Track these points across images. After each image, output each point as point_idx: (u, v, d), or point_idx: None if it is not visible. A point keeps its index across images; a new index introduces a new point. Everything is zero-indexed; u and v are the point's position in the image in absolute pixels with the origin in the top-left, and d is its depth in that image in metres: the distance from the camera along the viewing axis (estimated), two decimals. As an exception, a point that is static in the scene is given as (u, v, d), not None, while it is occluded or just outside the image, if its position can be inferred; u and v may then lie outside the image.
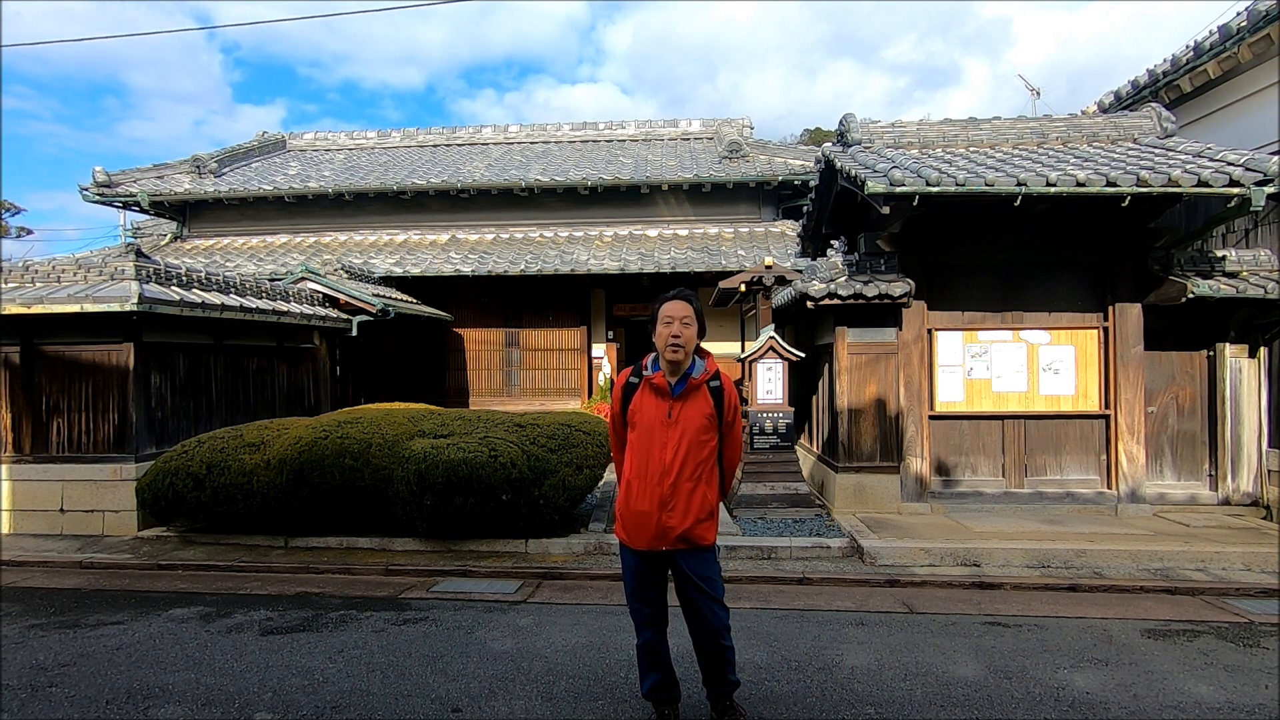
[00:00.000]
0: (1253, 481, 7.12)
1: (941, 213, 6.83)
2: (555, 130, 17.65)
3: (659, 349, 2.89)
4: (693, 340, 2.86)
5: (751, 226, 13.78)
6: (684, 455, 2.81)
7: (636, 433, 2.89)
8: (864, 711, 3.34)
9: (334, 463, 6.17)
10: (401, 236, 14.27)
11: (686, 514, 2.81)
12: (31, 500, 6.98)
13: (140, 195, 14.11)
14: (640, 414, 2.90)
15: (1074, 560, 5.77)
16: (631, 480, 2.88)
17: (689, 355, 2.88)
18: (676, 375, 2.89)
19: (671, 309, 2.87)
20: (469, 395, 13.44)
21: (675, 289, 2.97)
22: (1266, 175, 5.78)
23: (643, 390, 2.93)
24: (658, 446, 2.83)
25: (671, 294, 2.94)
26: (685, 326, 2.84)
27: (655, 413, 2.86)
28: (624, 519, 2.92)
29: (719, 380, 2.95)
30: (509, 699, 3.45)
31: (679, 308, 2.87)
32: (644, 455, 2.85)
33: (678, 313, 2.85)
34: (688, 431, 2.83)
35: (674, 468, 2.80)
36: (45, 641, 4.28)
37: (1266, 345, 7.10)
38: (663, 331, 2.86)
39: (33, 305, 6.51)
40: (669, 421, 2.84)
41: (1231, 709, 3.37)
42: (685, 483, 2.82)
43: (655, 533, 2.82)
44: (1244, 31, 7.04)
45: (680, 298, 2.90)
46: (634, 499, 2.86)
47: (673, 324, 2.84)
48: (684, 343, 2.82)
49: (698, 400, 2.88)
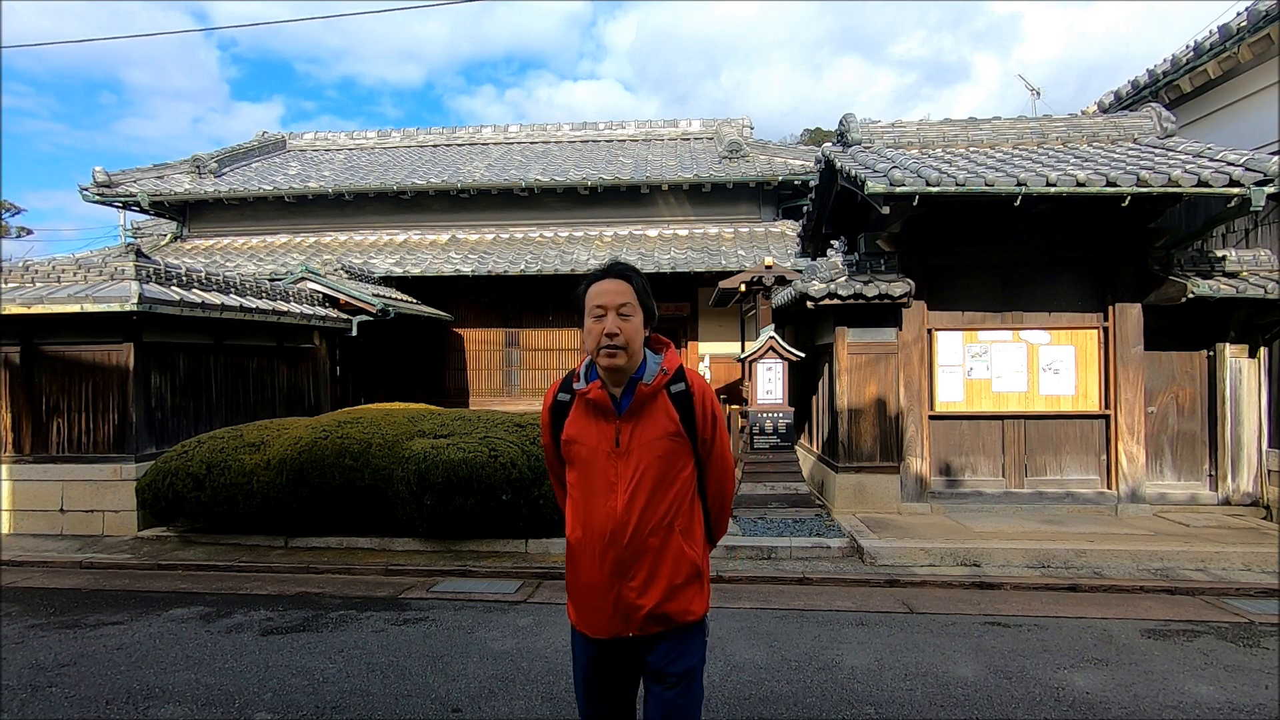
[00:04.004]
0: (1253, 481, 7.12)
1: (942, 213, 6.83)
2: (555, 130, 17.65)
3: (589, 350, 1.99)
4: (638, 335, 1.96)
5: (751, 226, 13.77)
6: (644, 498, 1.92)
7: (575, 471, 2.01)
8: (864, 711, 3.34)
9: (334, 463, 6.17)
10: (401, 236, 14.27)
11: (657, 582, 1.93)
12: (31, 500, 6.98)
13: (140, 195, 14.10)
14: (578, 444, 1.99)
15: (1074, 560, 5.77)
16: (574, 539, 2.01)
17: (635, 355, 1.97)
18: (621, 385, 1.99)
19: (602, 292, 1.95)
20: (469, 395, 13.43)
21: (608, 262, 2.07)
22: (1266, 175, 5.78)
23: (577, 410, 2.02)
24: (604, 489, 1.94)
25: (598, 271, 2.03)
26: (624, 318, 1.93)
27: (597, 441, 1.96)
28: (572, 594, 2.04)
29: (685, 381, 2.02)
30: (509, 699, 3.45)
31: (612, 289, 1.95)
32: (586, 502, 1.97)
33: (611, 299, 1.94)
34: (646, 463, 1.93)
35: (631, 518, 1.91)
36: (45, 641, 4.28)
37: (1266, 345, 7.10)
38: (592, 327, 1.94)
39: (33, 305, 6.51)
40: (617, 452, 1.94)
41: (1231, 709, 3.37)
42: (650, 537, 1.93)
43: (615, 613, 1.94)
44: (1244, 31, 7.04)
45: (613, 274, 1.99)
46: (581, 566, 1.98)
47: (605, 316, 1.93)
48: (624, 341, 1.92)
49: (656, 415, 1.96)
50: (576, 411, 2.02)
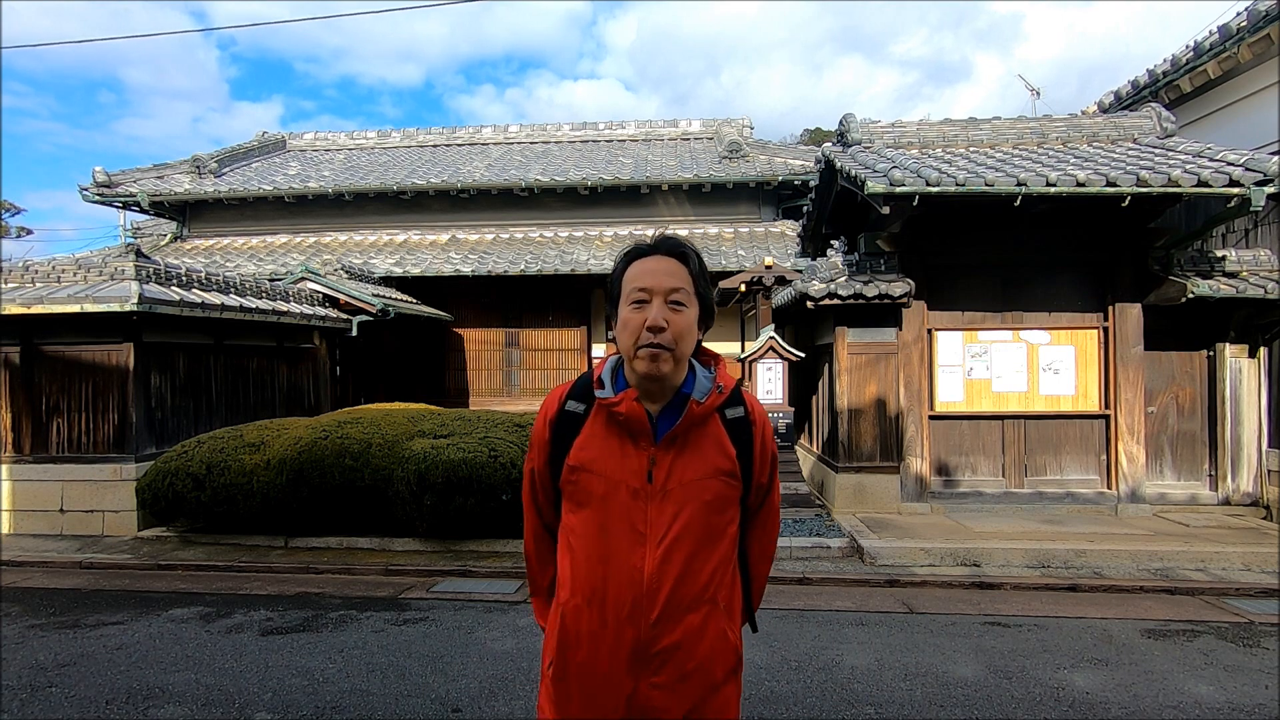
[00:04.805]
0: (1253, 481, 7.12)
1: (941, 213, 6.83)
2: (555, 130, 17.66)
3: (623, 350, 1.49)
4: (691, 333, 1.46)
5: (751, 226, 13.78)
6: (684, 558, 1.42)
7: (584, 513, 1.47)
8: (864, 711, 3.34)
9: (334, 463, 6.18)
10: (401, 236, 14.27)
11: (693, 678, 1.42)
12: (31, 500, 6.98)
13: (140, 195, 14.10)
14: (593, 475, 1.46)
15: (1074, 560, 5.77)
16: (571, 609, 1.46)
17: (683, 361, 1.48)
18: (659, 402, 1.49)
19: (647, 273, 1.46)
20: (469, 395, 13.43)
21: (655, 236, 1.55)
22: (1266, 175, 5.78)
23: (595, 427, 1.50)
24: (626, 541, 1.42)
25: (642, 246, 1.52)
26: (675, 309, 1.44)
27: (621, 473, 1.45)
28: (558, 686, 1.48)
29: (744, 405, 1.56)
30: (509, 699, 3.45)
31: (662, 269, 1.46)
32: (597, 558, 1.44)
33: (660, 281, 1.45)
34: (690, 510, 1.43)
35: (665, 584, 1.40)
36: (45, 641, 4.28)
37: (1266, 345, 7.10)
38: (630, 318, 1.45)
39: (33, 305, 6.51)
40: (650, 490, 1.43)
41: (1231, 709, 3.37)
42: (689, 613, 1.42)
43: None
44: (1244, 31, 7.05)
45: (664, 250, 1.49)
46: (580, 648, 1.45)
47: (649, 303, 1.44)
48: (672, 338, 1.42)
49: (705, 446, 1.48)
50: (594, 429, 1.49)
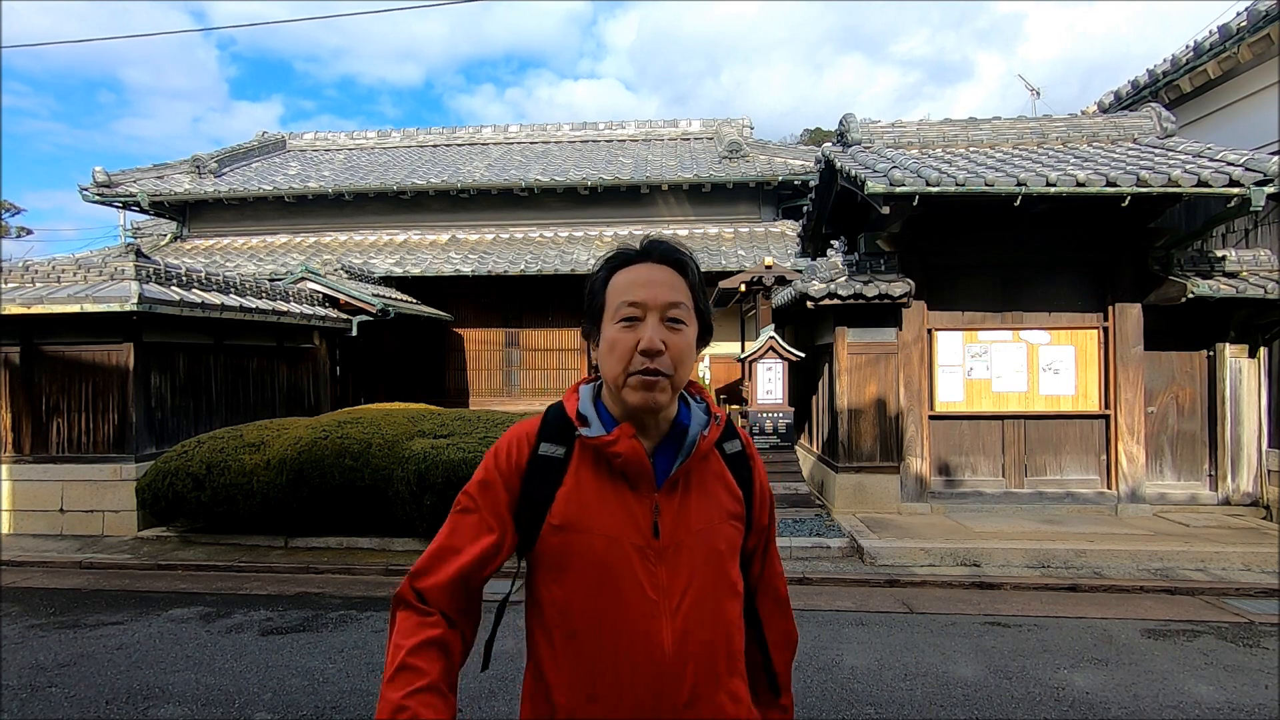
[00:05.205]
0: (1253, 481, 7.12)
1: (941, 213, 6.82)
2: (555, 130, 17.66)
3: (609, 376, 1.21)
4: (689, 356, 1.21)
5: (751, 226, 13.78)
6: (707, 626, 1.16)
7: (575, 583, 1.18)
8: (864, 711, 3.34)
9: (334, 463, 6.17)
10: (401, 236, 14.27)
11: None
12: (31, 500, 6.98)
13: (140, 195, 14.11)
14: (586, 534, 1.17)
15: (1074, 560, 5.77)
16: (566, 714, 1.16)
17: (678, 390, 1.22)
18: (656, 433, 1.23)
19: (640, 283, 1.19)
20: (469, 395, 13.43)
21: (645, 241, 1.25)
22: (1266, 175, 5.78)
23: (580, 472, 1.20)
24: (635, 613, 1.14)
25: (630, 251, 1.24)
26: (673, 328, 1.18)
27: (621, 528, 1.17)
28: None
29: (739, 438, 1.34)
30: (509, 699, 3.45)
31: (657, 280, 1.20)
32: (608, 637, 1.14)
33: (655, 294, 1.18)
34: (705, 562, 1.19)
35: (688, 664, 1.14)
36: (45, 641, 4.28)
37: (1266, 345, 7.10)
38: (620, 338, 1.18)
39: (33, 305, 6.51)
40: (656, 548, 1.17)
41: (1231, 709, 3.37)
42: (720, 696, 1.16)
43: None
44: (1244, 31, 7.05)
45: (658, 256, 1.22)
46: None
47: (644, 318, 1.18)
48: (671, 363, 1.17)
49: (711, 487, 1.24)
50: (580, 476, 1.18)
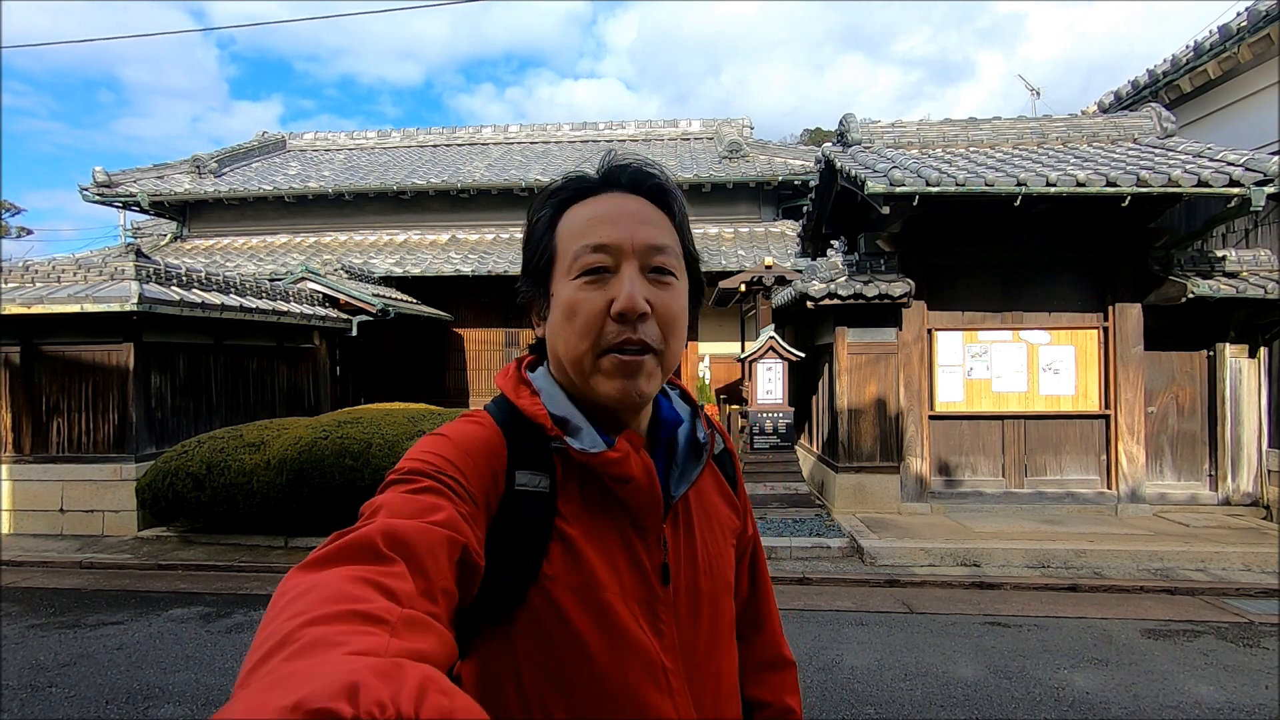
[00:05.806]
0: (1253, 481, 7.11)
1: (942, 213, 6.82)
2: (555, 130, 17.66)
3: (568, 356, 0.80)
4: (683, 323, 0.83)
5: (751, 226, 13.77)
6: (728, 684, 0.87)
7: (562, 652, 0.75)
8: (864, 711, 3.34)
9: (334, 463, 6.17)
10: (401, 236, 14.27)
11: None
12: (31, 500, 6.98)
13: (140, 195, 14.10)
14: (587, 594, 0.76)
15: (1074, 560, 5.77)
16: None
17: (669, 372, 0.84)
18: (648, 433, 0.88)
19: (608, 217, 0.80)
20: (469, 395, 13.43)
21: (610, 158, 0.86)
22: (1266, 175, 5.78)
23: (568, 504, 0.80)
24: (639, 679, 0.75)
25: (603, 172, 0.84)
26: (660, 282, 0.80)
27: (628, 576, 0.78)
28: None
29: (715, 430, 0.95)
30: None
31: (631, 212, 0.81)
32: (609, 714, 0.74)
33: (633, 233, 0.79)
34: (715, 604, 0.86)
35: None
36: (45, 641, 4.28)
37: (1266, 345, 7.10)
38: (582, 300, 0.78)
39: (33, 305, 6.51)
40: (668, 596, 0.80)
41: (1231, 709, 3.37)
42: None
43: None
44: (1244, 31, 7.04)
45: (631, 182, 0.83)
46: None
47: (615, 268, 0.78)
48: (660, 333, 0.79)
49: (711, 502, 0.92)
50: (569, 509, 0.81)
